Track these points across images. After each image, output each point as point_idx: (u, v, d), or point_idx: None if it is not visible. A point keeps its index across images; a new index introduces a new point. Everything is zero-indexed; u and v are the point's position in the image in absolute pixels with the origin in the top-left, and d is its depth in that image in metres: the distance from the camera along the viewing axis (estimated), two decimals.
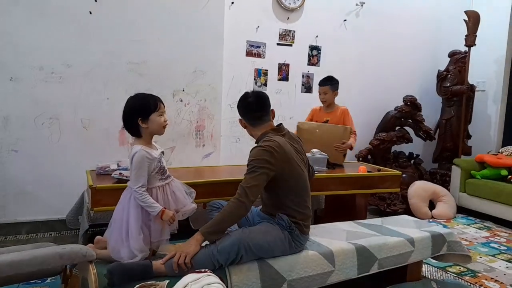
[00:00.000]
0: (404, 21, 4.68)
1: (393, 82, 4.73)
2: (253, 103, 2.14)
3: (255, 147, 2.05)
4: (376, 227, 2.53)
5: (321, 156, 3.08)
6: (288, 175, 2.04)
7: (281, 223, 2.05)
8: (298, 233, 2.05)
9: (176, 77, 3.60)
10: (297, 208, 2.08)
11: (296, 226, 2.05)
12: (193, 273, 1.56)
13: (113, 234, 1.89)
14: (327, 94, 3.35)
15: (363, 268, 2.18)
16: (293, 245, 2.04)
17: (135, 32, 3.40)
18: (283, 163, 2.01)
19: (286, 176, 2.03)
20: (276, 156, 1.98)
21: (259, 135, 2.14)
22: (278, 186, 2.02)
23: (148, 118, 1.89)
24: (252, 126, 2.16)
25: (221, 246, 1.86)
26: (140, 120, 1.88)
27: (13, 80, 3.10)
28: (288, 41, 4.12)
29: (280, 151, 2.01)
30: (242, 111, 2.18)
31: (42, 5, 3.11)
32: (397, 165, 4.45)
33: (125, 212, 1.89)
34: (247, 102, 2.15)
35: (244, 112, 2.17)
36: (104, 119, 3.35)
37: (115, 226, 1.91)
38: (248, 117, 2.16)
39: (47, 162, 3.24)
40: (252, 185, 1.93)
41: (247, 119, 2.16)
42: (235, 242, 1.87)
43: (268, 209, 2.16)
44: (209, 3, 3.64)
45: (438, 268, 2.85)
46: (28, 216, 3.25)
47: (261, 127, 2.15)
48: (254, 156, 1.99)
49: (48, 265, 1.65)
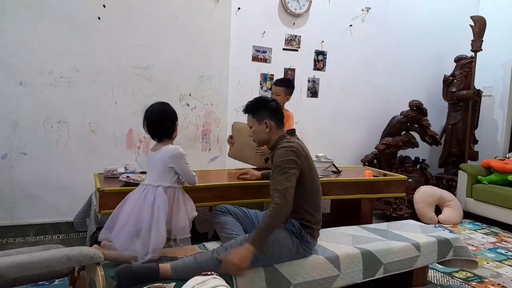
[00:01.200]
0: (409, 26, 4.68)
1: (399, 86, 4.73)
2: (278, 107, 2.24)
3: (279, 148, 2.09)
4: (381, 231, 2.53)
5: (326, 160, 3.09)
6: (307, 176, 2.08)
7: (292, 229, 2.06)
8: (308, 238, 2.07)
9: (183, 81, 3.63)
10: (312, 211, 2.11)
11: (309, 232, 2.07)
12: (199, 276, 1.57)
13: (124, 234, 1.95)
14: (279, 95, 3.12)
15: (368, 272, 2.19)
16: (301, 250, 2.05)
17: (143, 37, 3.45)
18: (304, 164, 2.06)
19: (306, 178, 2.07)
20: (300, 156, 2.05)
21: (276, 138, 2.20)
22: (297, 188, 2.04)
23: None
24: (276, 129, 2.21)
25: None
26: (176, 124, 2.17)
27: (22, 84, 3.14)
28: (294, 46, 4.14)
29: (302, 152, 2.07)
30: (270, 113, 2.21)
31: (51, 11, 3.16)
32: (403, 169, 4.44)
33: (143, 211, 1.99)
34: (274, 106, 2.22)
35: (272, 114, 2.21)
36: (111, 122, 3.39)
37: (126, 225, 1.97)
38: (276, 119, 2.21)
39: (56, 165, 3.28)
40: (287, 186, 1.96)
41: (275, 121, 2.21)
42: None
43: None
44: (216, 9, 3.68)
45: (444, 274, 2.83)
46: (36, 218, 3.29)
47: (280, 130, 2.23)
48: (282, 157, 2.03)
49: (56, 267, 1.67)
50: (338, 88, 4.41)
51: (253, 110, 2.23)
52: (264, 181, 2.64)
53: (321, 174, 3.01)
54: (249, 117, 2.26)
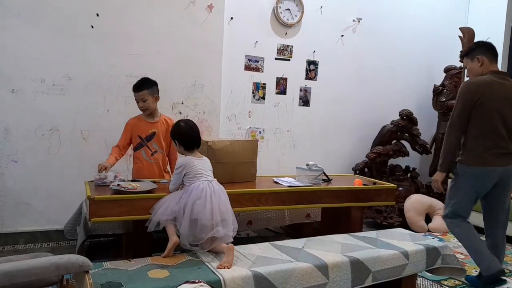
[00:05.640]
0: (400, 37, 4.76)
1: (390, 96, 4.79)
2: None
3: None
4: (371, 239, 2.56)
5: (317, 169, 3.12)
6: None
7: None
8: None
9: (175, 90, 3.66)
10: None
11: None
12: (187, 283, 1.58)
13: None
14: (146, 100, 2.89)
15: (357, 280, 2.20)
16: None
17: (136, 45, 3.47)
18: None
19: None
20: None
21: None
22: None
23: None
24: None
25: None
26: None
27: (14, 92, 3.15)
28: (286, 55, 4.19)
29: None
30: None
31: (44, 18, 3.18)
32: (393, 178, 4.48)
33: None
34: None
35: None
36: (103, 131, 3.39)
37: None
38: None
39: (46, 172, 3.28)
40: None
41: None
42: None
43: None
44: (209, 18, 3.72)
45: (432, 282, 2.86)
46: (26, 226, 3.27)
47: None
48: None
49: (44, 275, 1.67)
50: (329, 97, 4.46)
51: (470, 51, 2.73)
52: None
53: (311, 183, 3.05)
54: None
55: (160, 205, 2.25)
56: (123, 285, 1.78)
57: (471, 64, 2.72)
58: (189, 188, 2.24)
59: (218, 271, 1.93)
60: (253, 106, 4.10)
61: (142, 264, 2.01)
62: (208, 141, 2.84)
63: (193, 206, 2.16)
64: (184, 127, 2.39)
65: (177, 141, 2.38)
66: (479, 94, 2.56)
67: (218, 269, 1.95)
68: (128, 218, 2.41)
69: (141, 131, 2.98)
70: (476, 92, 2.57)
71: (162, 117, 3.07)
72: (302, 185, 2.96)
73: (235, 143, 2.95)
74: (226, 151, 2.87)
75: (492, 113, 2.57)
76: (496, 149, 2.59)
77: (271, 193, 2.79)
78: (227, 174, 2.84)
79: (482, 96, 2.56)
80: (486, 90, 2.56)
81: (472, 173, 2.65)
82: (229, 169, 2.88)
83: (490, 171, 2.61)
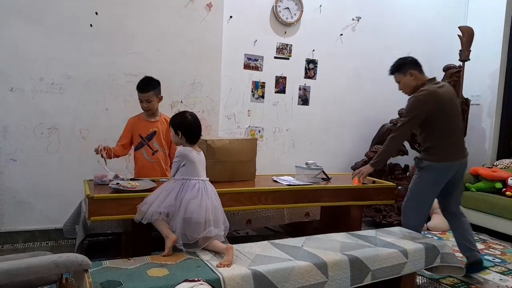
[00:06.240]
0: (399, 36, 4.76)
1: (389, 95, 4.76)
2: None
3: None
4: (370, 238, 2.56)
5: (316, 168, 3.12)
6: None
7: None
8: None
9: (175, 88, 3.65)
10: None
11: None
12: (186, 282, 1.58)
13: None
14: (151, 101, 2.89)
15: (356, 279, 2.20)
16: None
17: (135, 44, 3.47)
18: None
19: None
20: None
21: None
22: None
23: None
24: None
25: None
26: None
27: (13, 91, 3.14)
28: (285, 54, 4.19)
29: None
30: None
31: (43, 17, 3.18)
32: (392, 177, 4.48)
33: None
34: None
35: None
36: (102, 129, 3.39)
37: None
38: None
39: (45, 171, 3.27)
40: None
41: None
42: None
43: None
44: (208, 17, 3.72)
45: (431, 280, 2.86)
46: (25, 225, 3.27)
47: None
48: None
49: (44, 273, 1.66)
50: (329, 96, 4.46)
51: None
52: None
53: (310, 181, 3.05)
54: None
55: (155, 198, 2.21)
56: (123, 283, 1.78)
57: (404, 79, 3.02)
58: (184, 186, 2.22)
59: (218, 269, 1.93)
60: (252, 105, 4.10)
61: (142, 263, 2.01)
62: (207, 140, 2.84)
63: (188, 205, 2.15)
64: (191, 119, 2.35)
65: (181, 132, 2.30)
66: (436, 103, 2.77)
67: (217, 268, 1.95)
68: (127, 216, 2.40)
69: (141, 130, 2.98)
70: (432, 102, 2.78)
71: (162, 116, 3.06)
72: (301, 184, 2.96)
73: (234, 142, 2.95)
74: (225, 150, 2.87)
75: (452, 116, 2.84)
76: (457, 145, 2.88)
77: (271, 192, 2.79)
78: (226, 173, 2.85)
79: (439, 103, 2.77)
80: (438, 97, 2.78)
81: (440, 168, 2.85)
82: (229, 168, 2.88)
83: (453, 165, 2.86)
